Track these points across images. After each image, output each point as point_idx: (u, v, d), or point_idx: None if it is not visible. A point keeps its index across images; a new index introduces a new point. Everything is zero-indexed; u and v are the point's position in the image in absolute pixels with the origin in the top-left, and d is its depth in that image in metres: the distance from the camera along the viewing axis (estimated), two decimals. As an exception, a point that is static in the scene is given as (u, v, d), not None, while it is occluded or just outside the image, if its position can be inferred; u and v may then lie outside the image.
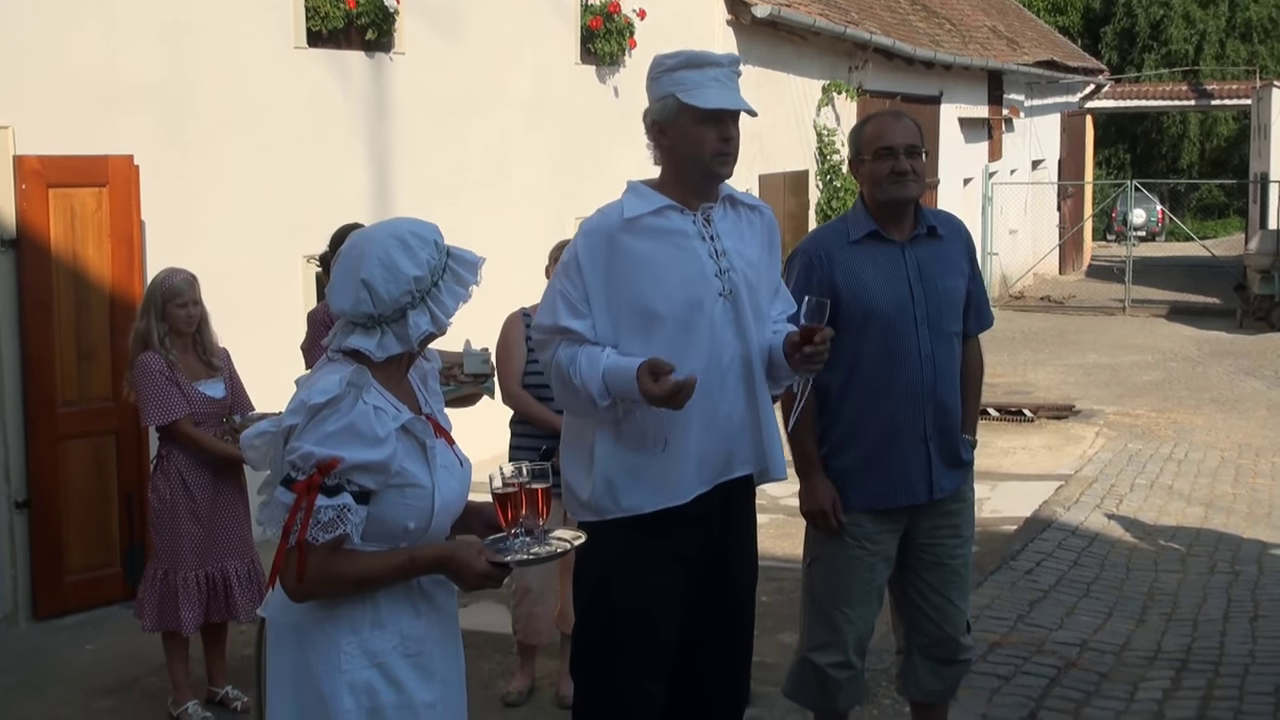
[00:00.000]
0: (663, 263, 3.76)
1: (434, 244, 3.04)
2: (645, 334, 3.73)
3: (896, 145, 4.45)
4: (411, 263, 2.99)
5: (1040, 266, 28.81)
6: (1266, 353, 18.98)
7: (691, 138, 3.78)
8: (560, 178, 11.78)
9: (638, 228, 3.78)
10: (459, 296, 3.06)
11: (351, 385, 2.96)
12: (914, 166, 4.46)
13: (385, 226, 3.10)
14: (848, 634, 4.55)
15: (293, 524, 2.92)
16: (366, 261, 3.00)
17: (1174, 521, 9.50)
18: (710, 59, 3.83)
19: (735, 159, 3.84)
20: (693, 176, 3.83)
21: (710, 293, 3.80)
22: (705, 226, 3.85)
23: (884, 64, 18.91)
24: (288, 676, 3.08)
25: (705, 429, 3.78)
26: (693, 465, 3.79)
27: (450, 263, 3.05)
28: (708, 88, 3.75)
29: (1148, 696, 5.89)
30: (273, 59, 8.99)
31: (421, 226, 3.08)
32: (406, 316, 3.01)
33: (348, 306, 3.03)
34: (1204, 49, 45.87)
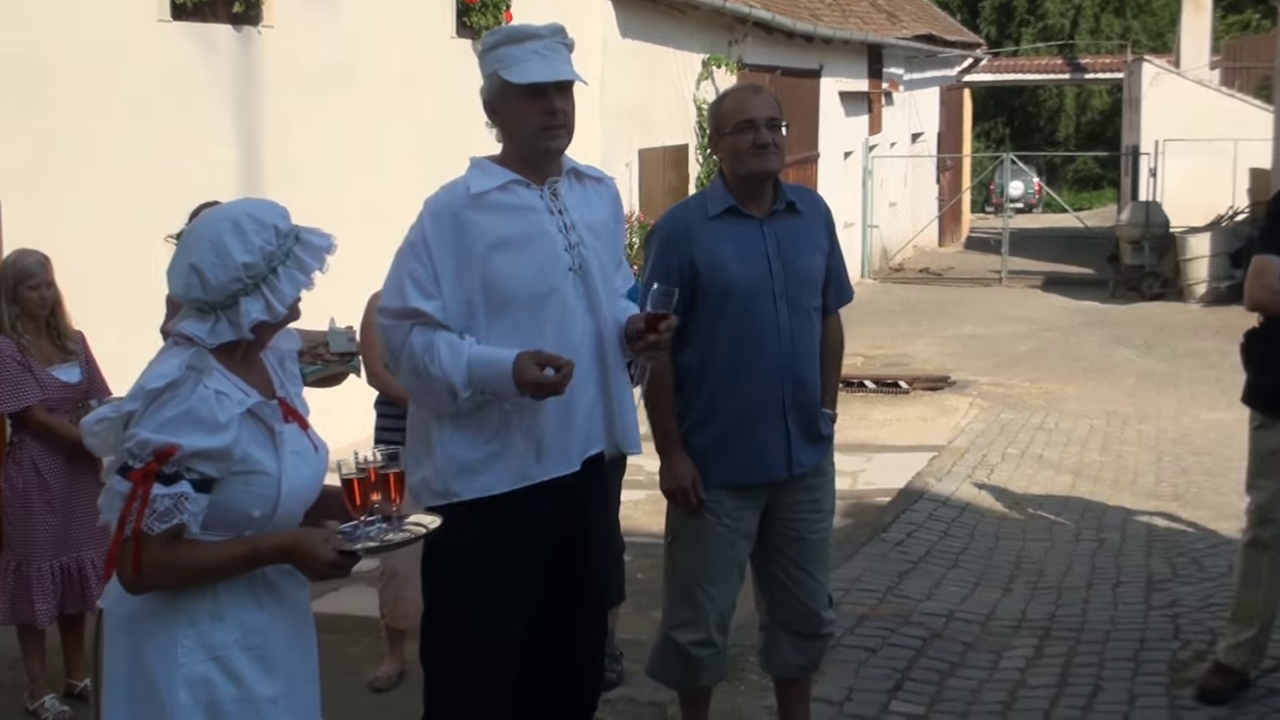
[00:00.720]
0: (513, 239, 3.68)
1: (273, 228, 2.94)
2: (498, 312, 3.66)
3: (757, 118, 4.43)
4: (243, 248, 2.90)
5: (920, 239, 29.16)
6: (1137, 322, 19.37)
7: (518, 114, 3.72)
8: (436, 152, 11.63)
9: (485, 204, 3.71)
10: (300, 284, 2.97)
11: (191, 369, 2.89)
12: (774, 139, 4.44)
13: (225, 208, 3.01)
14: (709, 611, 4.55)
15: (129, 513, 2.84)
16: (199, 245, 2.92)
17: (1043, 490, 9.65)
18: (529, 31, 3.76)
19: (568, 130, 3.76)
20: (528, 152, 3.77)
21: (561, 268, 3.75)
22: (553, 200, 3.80)
23: (764, 38, 18.97)
24: (123, 670, 3.00)
25: (558, 408, 3.72)
26: (546, 446, 3.74)
27: (295, 248, 2.96)
28: (527, 62, 3.69)
29: (1011, 665, 5.97)
30: (135, 32, 8.79)
31: (262, 209, 2.99)
32: (239, 303, 2.92)
33: (179, 291, 2.95)
34: (1079, 23, 46.63)
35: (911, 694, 5.64)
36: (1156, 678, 5.74)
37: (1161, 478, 10.00)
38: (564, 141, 3.78)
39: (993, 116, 49.83)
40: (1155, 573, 7.39)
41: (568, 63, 3.75)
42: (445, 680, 3.91)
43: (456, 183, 3.79)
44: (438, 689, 3.94)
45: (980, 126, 46.70)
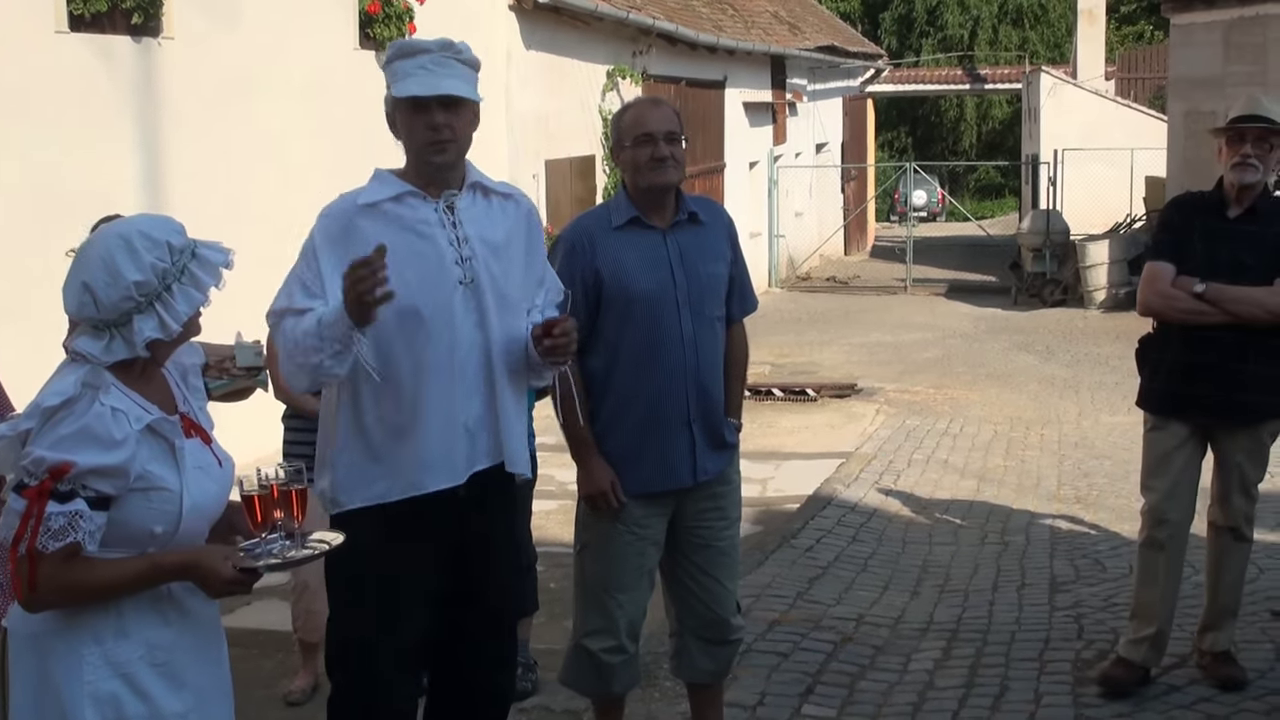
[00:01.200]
0: (399, 249, 3.63)
1: (165, 245, 2.93)
2: (382, 321, 3.60)
3: (655, 132, 4.46)
4: (133, 266, 2.89)
5: (825, 248, 29.41)
6: (1039, 329, 19.67)
7: (407, 128, 3.75)
8: (340, 164, 11.53)
9: (376, 213, 3.74)
10: (194, 301, 2.97)
11: (87, 386, 2.88)
12: (673, 153, 4.48)
13: (117, 225, 2.99)
14: (619, 619, 4.58)
15: (24, 531, 2.82)
16: (90, 263, 2.91)
17: (948, 495, 9.77)
18: (419, 46, 3.78)
19: (456, 145, 3.76)
20: (419, 165, 3.79)
21: (449, 280, 3.75)
22: (447, 214, 3.80)
23: (667, 49, 19.05)
24: (30, 688, 2.98)
25: (443, 420, 3.74)
26: (431, 456, 3.74)
27: (190, 264, 2.96)
28: (412, 76, 3.70)
29: (920, 667, 6.05)
30: (31, 43, 8.65)
31: (155, 226, 2.98)
32: (132, 321, 2.91)
33: (73, 309, 2.95)
34: (978, 34, 47.34)
35: (823, 697, 5.69)
36: (1061, 676, 5.84)
37: (1064, 481, 10.17)
38: (449, 156, 3.78)
39: (895, 126, 50.46)
40: (1059, 574, 7.51)
41: (457, 77, 3.75)
42: (341, 687, 3.93)
43: (352, 191, 3.82)
44: (336, 696, 3.95)
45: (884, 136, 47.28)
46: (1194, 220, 5.46)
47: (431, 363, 3.71)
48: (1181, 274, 5.33)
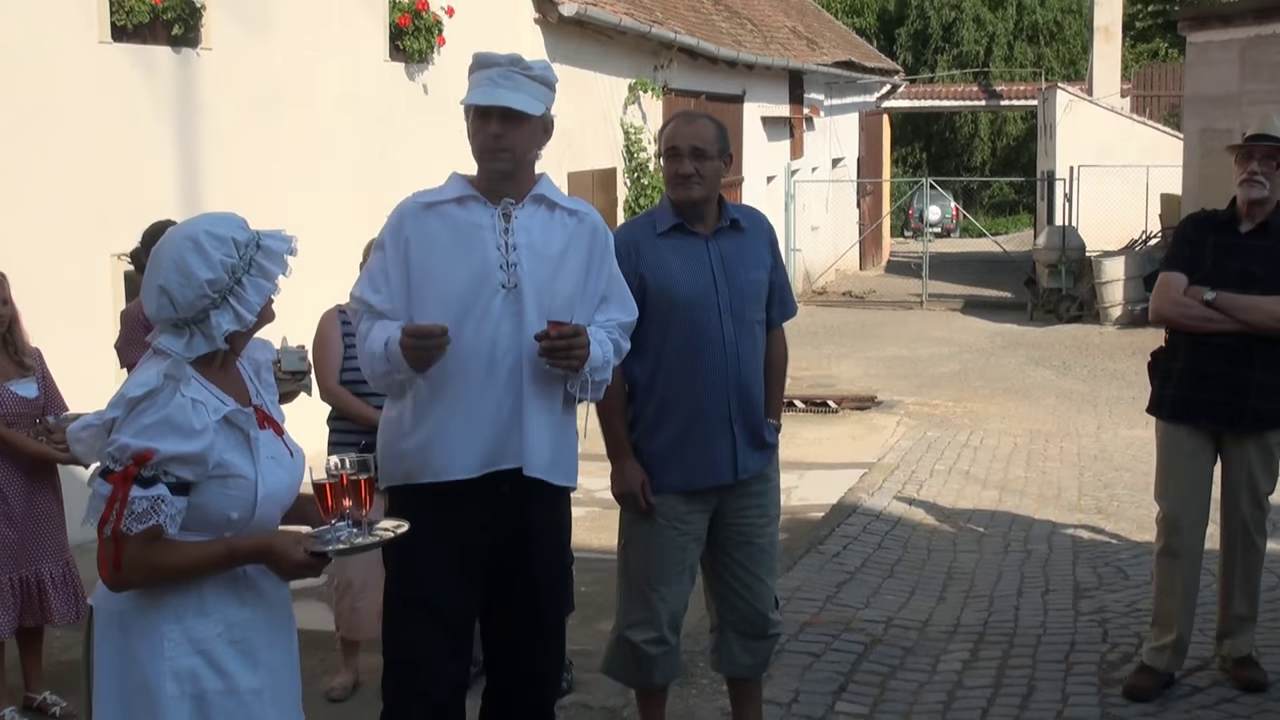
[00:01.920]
0: (448, 248, 3.91)
1: (231, 241, 3.08)
2: (427, 314, 3.86)
3: (681, 147, 4.62)
4: (204, 265, 3.03)
5: (841, 262, 29.53)
6: (1055, 344, 19.78)
7: (472, 134, 3.97)
8: (370, 174, 11.76)
9: (436, 213, 3.95)
10: (265, 291, 3.12)
11: (169, 378, 3.02)
12: (698, 169, 4.61)
13: (184, 227, 3.13)
14: (661, 611, 4.72)
15: (109, 514, 2.97)
16: (164, 267, 3.06)
17: (971, 505, 9.91)
18: (489, 60, 3.97)
19: (509, 153, 3.92)
20: (482, 170, 3.99)
21: (491, 283, 3.91)
22: (502, 220, 3.96)
23: (688, 63, 19.22)
24: (113, 663, 3.13)
25: (470, 415, 3.90)
26: (457, 449, 3.90)
27: (257, 256, 3.10)
28: (480, 87, 3.91)
29: (948, 668, 6.18)
30: (76, 53, 8.84)
31: (220, 224, 3.12)
32: (209, 317, 3.06)
33: (152, 312, 3.10)
34: (993, 51, 47.46)
35: (855, 695, 5.83)
36: (1087, 678, 5.97)
37: (1084, 492, 10.30)
38: (503, 165, 3.95)
39: (910, 142, 50.58)
40: (1082, 581, 7.64)
41: (519, 91, 3.92)
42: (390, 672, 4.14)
43: (423, 191, 4.05)
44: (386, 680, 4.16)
45: (899, 152, 47.41)
46: (1208, 235, 5.61)
47: (467, 359, 3.88)
48: (1193, 284, 5.49)
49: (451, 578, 3.99)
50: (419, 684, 4.03)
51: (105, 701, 3.14)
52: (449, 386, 3.88)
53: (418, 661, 4.03)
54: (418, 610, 4.00)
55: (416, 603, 4.00)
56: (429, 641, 4.01)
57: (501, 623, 4.14)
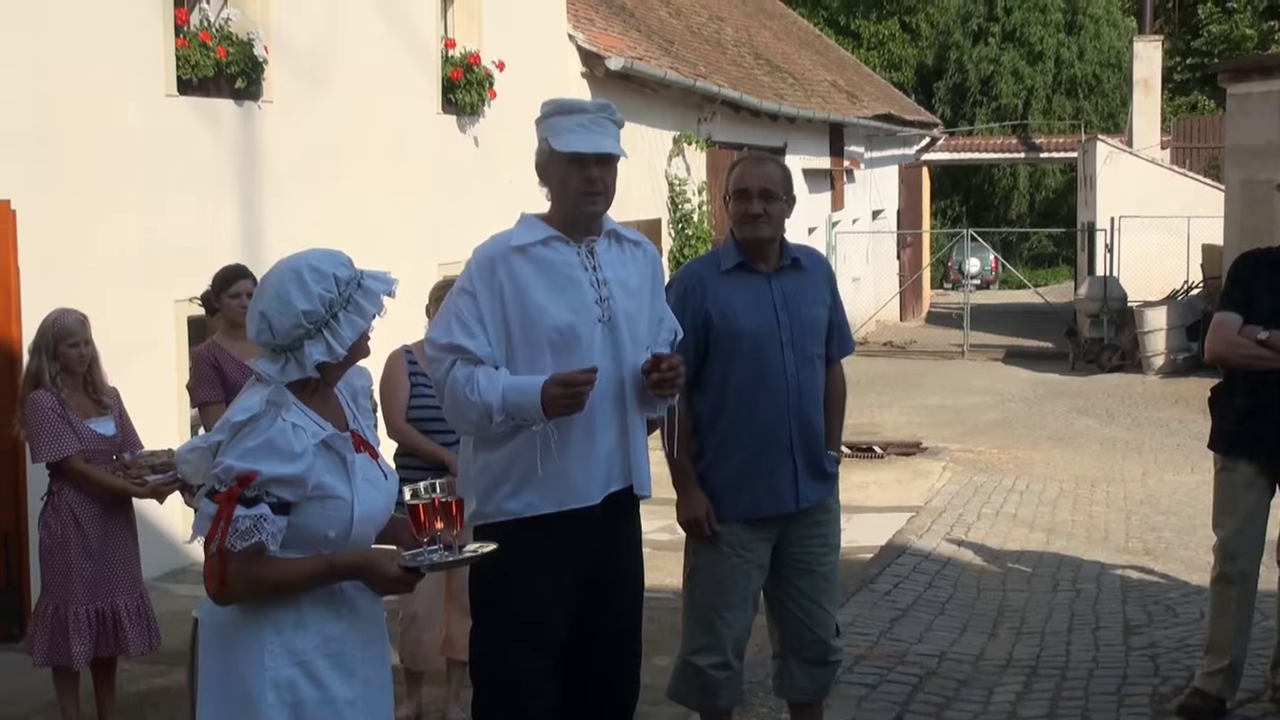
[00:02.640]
0: (548, 289, 4.05)
1: (332, 277, 3.24)
2: (529, 354, 4.02)
3: (750, 189, 4.81)
4: (303, 297, 3.20)
5: (882, 313, 29.64)
6: (1097, 393, 19.82)
7: (561, 179, 4.10)
8: (423, 224, 12.00)
9: (526, 255, 4.08)
10: (358, 327, 3.27)
11: (271, 404, 3.20)
12: (767, 209, 4.80)
13: (291, 259, 3.31)
14: (725, 637, 4.86)
15: (214, 533, 3.13)
16: (266, 294, 3.24)
17: (1019, 546, 10.00)
18: (578, 106, 4.16)
19: (606, 197, 4.12)
20: (569, 212, 4.13)
21: (590, 319, 4.09)
22: (589, 258, 4.14)
23: (731, 116, 19.47)
24: (216, 673, 3.28)
25: (584, 444, 4.07)
26: (573, 478, 4.06)
27: (355, 294, 3.26)
28: (572, 133, 4.06)
29: (1002, 699, 6.28)
30: (144, 106, 9.11)
31: (323, 259, 3.29)
32: (303, 346, 3.22)
33: (253, 335, 3.27)
34: (1032, 104, 47.56)
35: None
36: (1140, 710, 6.05)
37: (1132, 534, 10.37)
38: (601, 207, 4.15)
39: (950, 194, 50.67)
40: (1132, 619, 7.72)
41: (611, 137, 4.14)
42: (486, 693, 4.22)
43: (503, 234, 4.17)
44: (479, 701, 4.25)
45: (938, 204, 47.49)
46: (1261, 273, 5.75)
47: None
48: (1247, 324, 5.61)
49: (553, 601, 4.12)
50: (520, 702, 4.13)
51: (208, 709, 3.29)
52: (566, 422, 4.01)
53: (518, 680, 4.12)
54: (520, 635, 4.10)
55: (520, 628, 4.10)
56: (529, 662, 4.12)
57: (590, 638, 4.24)
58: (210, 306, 6.35)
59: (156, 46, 9.20)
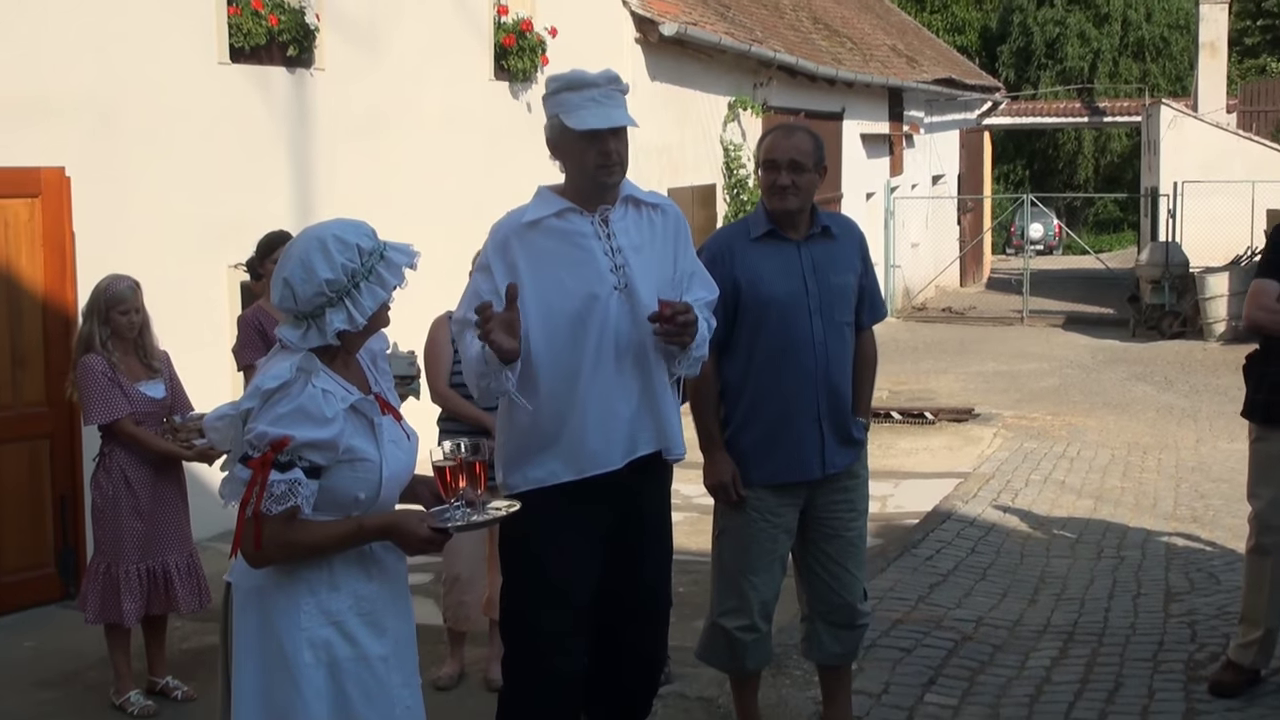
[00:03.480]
0: (560, 260, 4.13)
1: (355, 247, 3.31)
2: (545, 325, 4.09)
3: (779, 160, 4.85)
4: (326, 266, 3.27)
5: (941, 279, 29.49)
6: (1157, 359, 19.68)
7: (575, 154, 4.16)
8: (474, 191, 12.07)
9: (540, 229, 4.16)
10: (379, 297, 3.35)
11: (301, 371, 3.29)
12: (795, 181, 4.84)
13: (316, 228, 3.39)
14: (753, 600, 4.94)
15: (249, 497, 3.23)
16: (291, 261, 3.32)
17: (1065, 513, 9.99)
18: (586, 80, 4.16)
19: (621, 166, 4.19)
20: (585, 185, 4.20)
21: (605, 287, 4.16)
22: (602, 227, 4.20)
23: (788, 81, 19.40)
24: (252, 635, 3.38)
25: (603, 411, 4.15)
26: (593, 444, 4.14)
27: (378, 265, 3.34)
28: (584, 109, 4.10)
29: (1037, 664, 6.32)
30: (197, 73, 9.25)
31: (347, 229, 3.36)
32: (324, 313, 3.30)
33: (277, 301, 3.37)
34: (1098, 67, 47.00)
35: (944, 689, 5.99)
36: (1174, 676, 6.08)
37: (1180, 502, 10.34)
38: (617, 177, 4.22)
39: (1012, 159, 50.23)
40: (1174, 585, 7.73)
41: (621, 108, 4.18)
42: (515, 654, 4.32)
43: (517, 209, 4.25)
44: (510, 661, 4.35)
45: (1000, 169, 47.08)
46: None
47: (593, 360, 4.13)
48: None
49: (582, 566, 4.22)
50: (547, 661, 4.22)
51: (245, 671, 3.39)
52: (584, 389, 4.11)
53: (544, 639, 4.21)
54: (545, 595, 4.20)
55: (545, 590, 4.20)
56: (553, 622, 4.21)
57: (616, 601, 4.33)
58: (255, 272, 6.47)
59: (209, 14, 9.34)
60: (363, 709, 3.36)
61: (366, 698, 3.37)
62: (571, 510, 4.17)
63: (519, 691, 4.33)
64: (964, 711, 5.74)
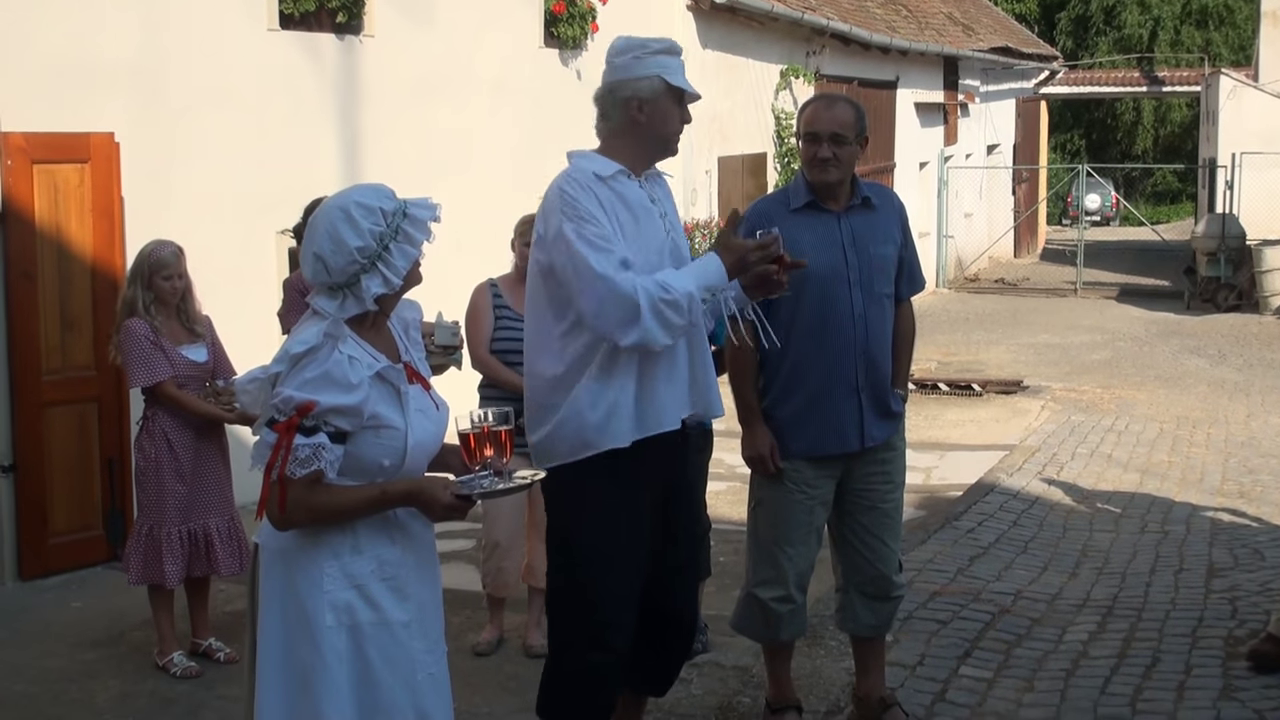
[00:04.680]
0: (630, 219, 4.13)
1: (379, 211, 3.33)
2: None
3: (820, 132, 4.82)
4: (354, 234, 3.30)
5: (995, 249, 29.28)
6: (1211, 333, 19.47)
7: (665, 114, 4.18)
8: (523, 158, 12.10)
9: (608, 185, 4.13)
10: (410, 256, 3.38)
11: (328, 336, 3.32)
12: (836, 153, 4.81)
13: (336, 199, 3.42)
14: (788, 571, 4.95)
15: (275, 460, 3.28)
16: (318, 235, 3.35)
17: (1111, 487, 9.94)
18: (680, 49, 4.29)
19: None
20: (653, 149, 4.23)
21: (663, 246, 4.21)
22: (649, 191, 4.25)
23: (841, 49, 19.28)
24: (276, 596, 3.44)
25: (672, 372, 4.18)
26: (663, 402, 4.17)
27: (403, 224, 3.36)
28: (682, 73, 4.21)
29: (1074, 639, 6.30)
30: (247, 40, 9.31)
31: (369, 194, 3.39)
32: (360, 281, 3.33)
33: (310, 276, 3.40)
34: (1159, 35, 46.38)
35: (980, 661, 5.99)
36: (1213, 652, 6.05)
37: (1228, 477, 10.26)
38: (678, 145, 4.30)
39: (1069, 129, 49.70)
40: (1217, 561, 7.69)
41: None
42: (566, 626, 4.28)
43: (580, 168, 4.16)
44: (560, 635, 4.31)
45: (1056, 139, 46.60)
46: None
47: None
48: None
49: (633, 532, 4.20)
50: (602, 634, 4.19)
51: (269, 631, 3.44)
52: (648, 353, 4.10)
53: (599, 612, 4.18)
54: (601, 566, 4.16)
55: (602, 560, 4.16)
56: (610, 594, 4.19)
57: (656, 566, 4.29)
58: (301, 237, 6.50)
59: (259, -19, 9.39)
60: (383, 673, 3.40)
61: (387, 662, 3.41)
62: (629, 477, 4.14)
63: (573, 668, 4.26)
64: (998, 684, 5.74)
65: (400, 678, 3.43)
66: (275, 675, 3.40)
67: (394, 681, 3.41)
